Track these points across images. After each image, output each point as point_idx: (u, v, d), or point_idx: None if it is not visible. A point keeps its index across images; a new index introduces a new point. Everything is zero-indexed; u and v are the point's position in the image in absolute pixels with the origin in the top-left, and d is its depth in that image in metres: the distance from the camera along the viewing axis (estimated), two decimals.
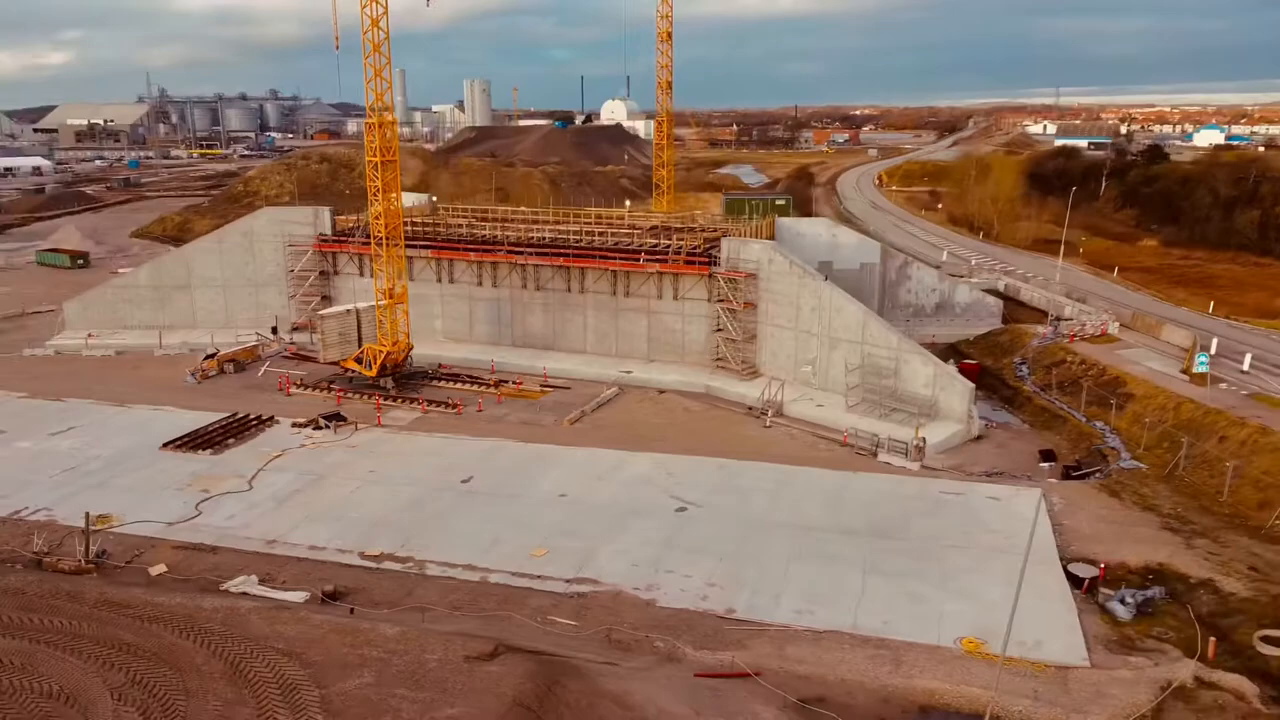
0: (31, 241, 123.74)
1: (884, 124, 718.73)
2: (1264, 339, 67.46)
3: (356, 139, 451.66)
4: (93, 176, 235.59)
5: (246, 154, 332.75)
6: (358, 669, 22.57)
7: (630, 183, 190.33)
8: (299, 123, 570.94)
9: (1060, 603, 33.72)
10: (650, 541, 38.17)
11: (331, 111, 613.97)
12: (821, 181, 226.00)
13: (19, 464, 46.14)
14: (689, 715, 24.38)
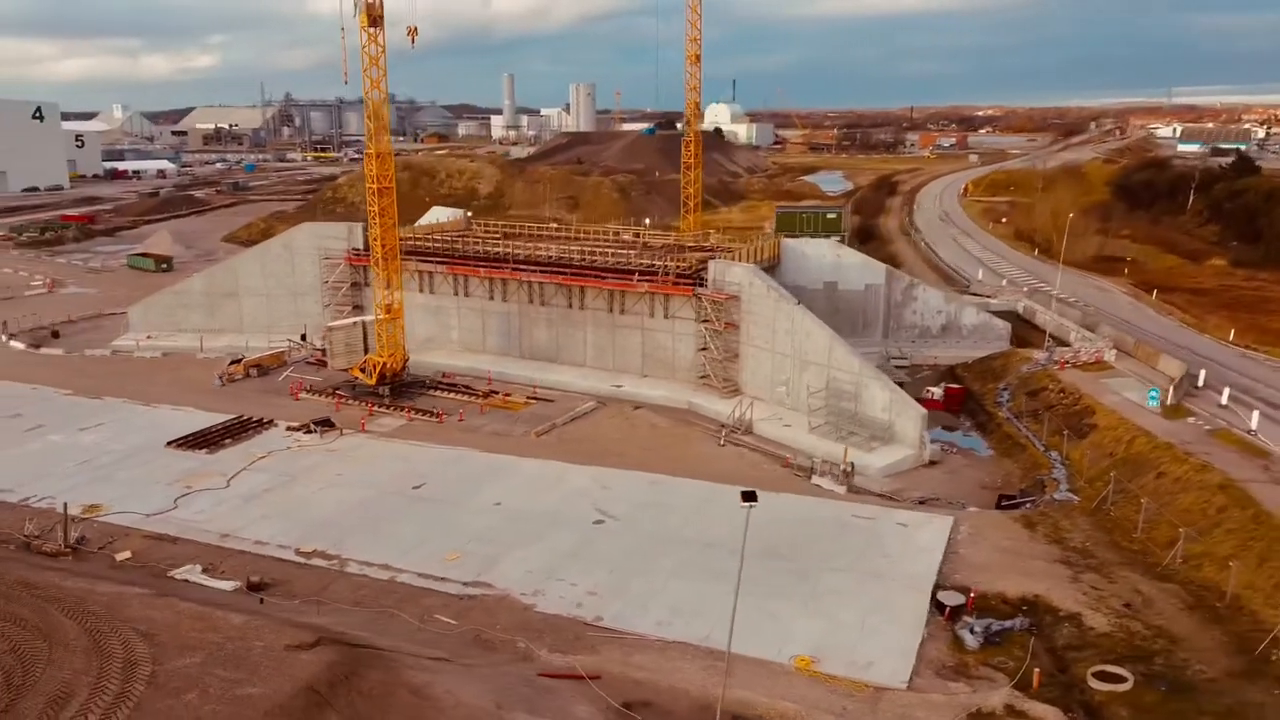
0: (134, 245, 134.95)
1: (1003, 126, 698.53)
2: (1272, 370, 66.26)
3: (462, 142, 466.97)
4: (209, 179, 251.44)
5: (356, 157, 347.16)
6: (194, 651, 26.83)
7: (705, 191, 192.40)
8: (413, 125, 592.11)
9: (910, 628, 35.68)
10: (556, 551, 41.62)
11: (445, 115, 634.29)
12: (905, 190, 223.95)
13: (43, 456, 52.63)
14: (489, 709, 27.78)
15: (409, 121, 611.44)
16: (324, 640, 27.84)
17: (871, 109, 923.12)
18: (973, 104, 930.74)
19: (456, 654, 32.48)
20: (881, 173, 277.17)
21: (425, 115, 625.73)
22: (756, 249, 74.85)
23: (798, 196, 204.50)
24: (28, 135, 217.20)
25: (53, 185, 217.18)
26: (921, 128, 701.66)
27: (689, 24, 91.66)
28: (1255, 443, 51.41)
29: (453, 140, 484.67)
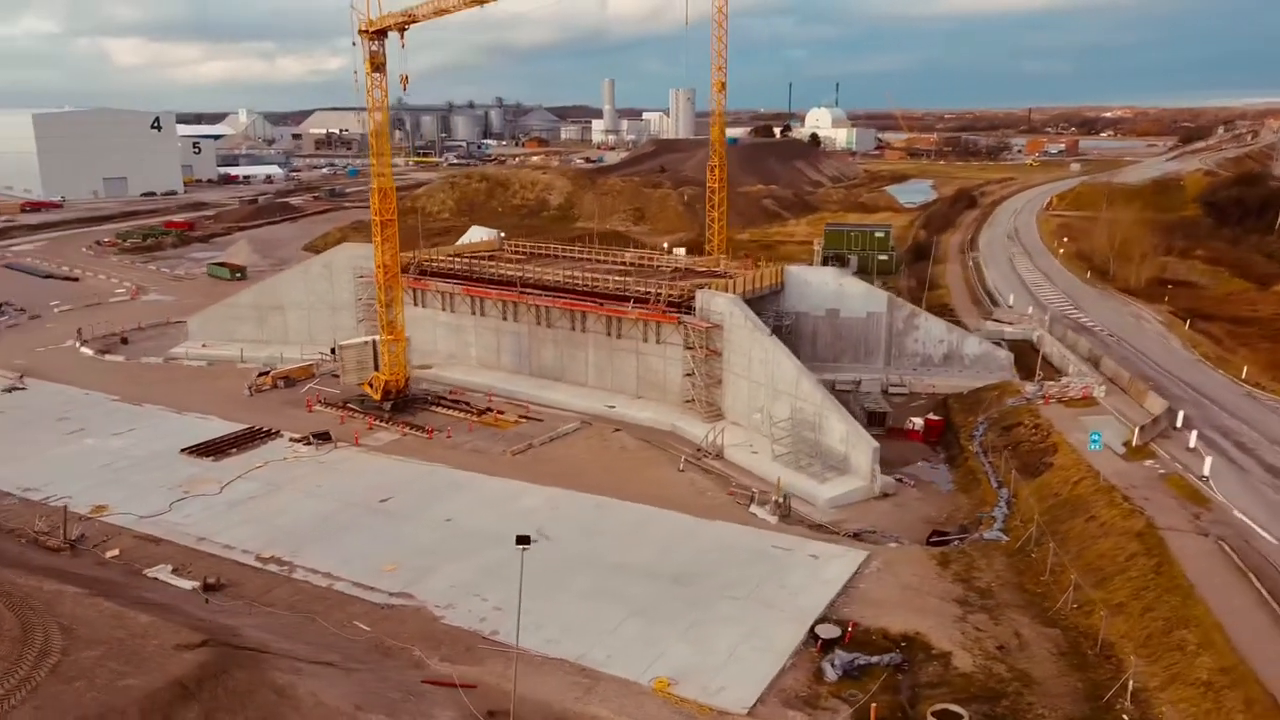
0: (223, 251, 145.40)
1: (1127, 129, 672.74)
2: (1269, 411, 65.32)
3: (562, 146, 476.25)
4: (312, 185, 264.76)
5: (456, 163, 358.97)
6: (99, 645, 31.75)
7: (774, 203, 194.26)
8: (520, 129, 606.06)
9: (776, 658, 38.32)
10: (482, 567, 45.62)
11: (550, 118, 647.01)
12: (987, 202, 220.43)
13: (74, 458, 59.48)
14: (348, 710, 31.90)
15: (516, 125, 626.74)
16: (211, 641, 32.44)
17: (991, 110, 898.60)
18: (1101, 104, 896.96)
19: (351, 658, 36.78)
20: (972, 182, 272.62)
21: (532, 119, 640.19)
22: (758, 276, 77.37)
23: (871, 209, 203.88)
24: (147, 144, 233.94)
25: (168, 190, 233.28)
26: (1039, 130, 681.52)
27: (714, 52, 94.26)
28: (1201, 490, 51.66)
29: (553, 145, 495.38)
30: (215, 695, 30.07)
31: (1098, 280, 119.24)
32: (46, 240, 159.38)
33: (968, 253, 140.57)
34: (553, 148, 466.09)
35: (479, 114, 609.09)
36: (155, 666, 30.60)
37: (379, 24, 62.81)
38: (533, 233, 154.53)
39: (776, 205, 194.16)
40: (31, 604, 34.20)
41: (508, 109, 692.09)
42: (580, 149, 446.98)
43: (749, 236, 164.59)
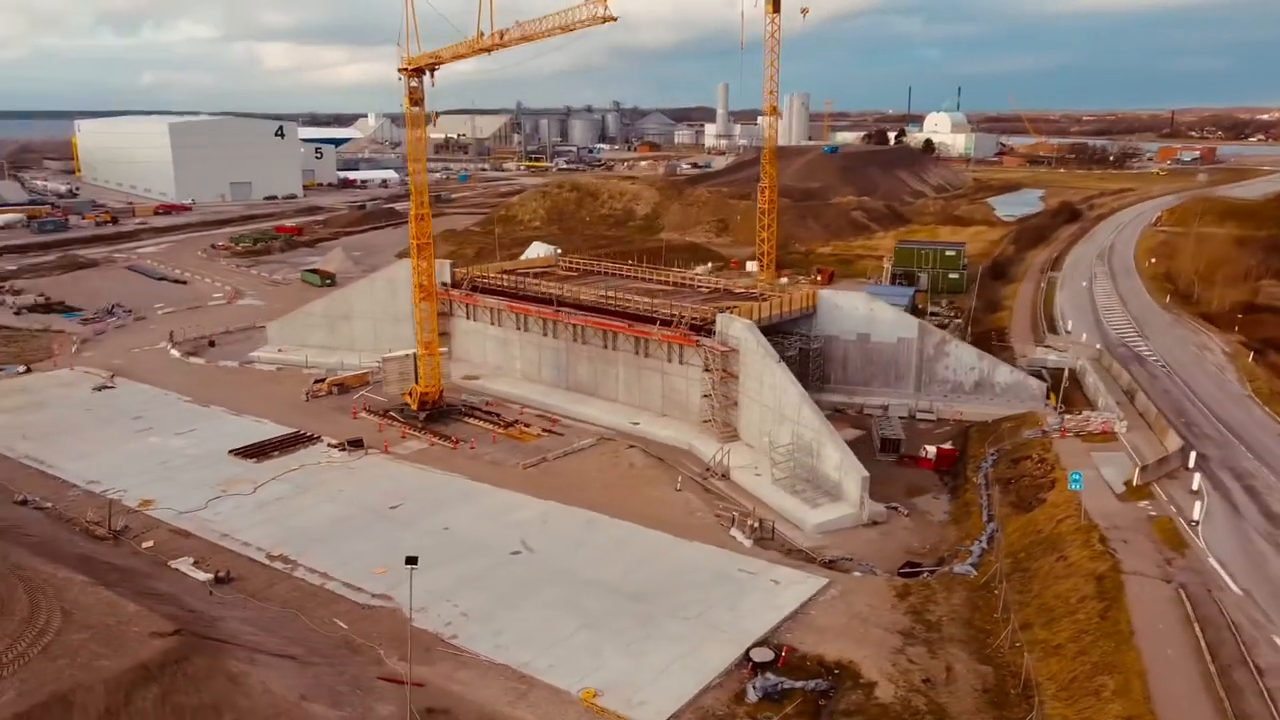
0: (322, 257, 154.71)
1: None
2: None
3: (675, 150, 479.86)
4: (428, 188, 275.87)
5: (566, 168, 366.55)
6: (90, 629, 36.82)
7: (864, 215, 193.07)
8: (636, 133, 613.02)
9: (703, 676, 40.84)
10: (462, 575, 49.51)
11: (666, 122, 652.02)
12: (1092, 215, 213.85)
13: (138, 455, 66.26)
14: (292, 699, 36.10)
15: (632, 129, 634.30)
16: (182, 631, 37.20)
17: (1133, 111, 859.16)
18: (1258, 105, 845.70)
19: (317, 653, 41.15)
20: (1085, 193, 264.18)
21: (648, 122, 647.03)
22: (787, 300, 79.21)
23: (966, 222, 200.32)
24: (271, 150, 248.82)
25: (288, 194, 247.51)
26: (1181, 134, 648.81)
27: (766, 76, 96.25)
28: (1185, 534, 51.50)
29: (664, 149, 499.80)
30: (174, 679, 34.71)
31: (1177, 304, 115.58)
32: (170, 243, 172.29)
33: (1048, 272, 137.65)
34: (664, 152, 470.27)
35: (596, 118, 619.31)
36: (129, 650, 35.47)
37: (415, 63, 67.57)
38: (615, 243, 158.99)
39: (866, 217, 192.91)
40: (44, 589, 39.74)
41: (624, 112, 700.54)
42: (691, 153, 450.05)
43: (830, 250, 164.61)
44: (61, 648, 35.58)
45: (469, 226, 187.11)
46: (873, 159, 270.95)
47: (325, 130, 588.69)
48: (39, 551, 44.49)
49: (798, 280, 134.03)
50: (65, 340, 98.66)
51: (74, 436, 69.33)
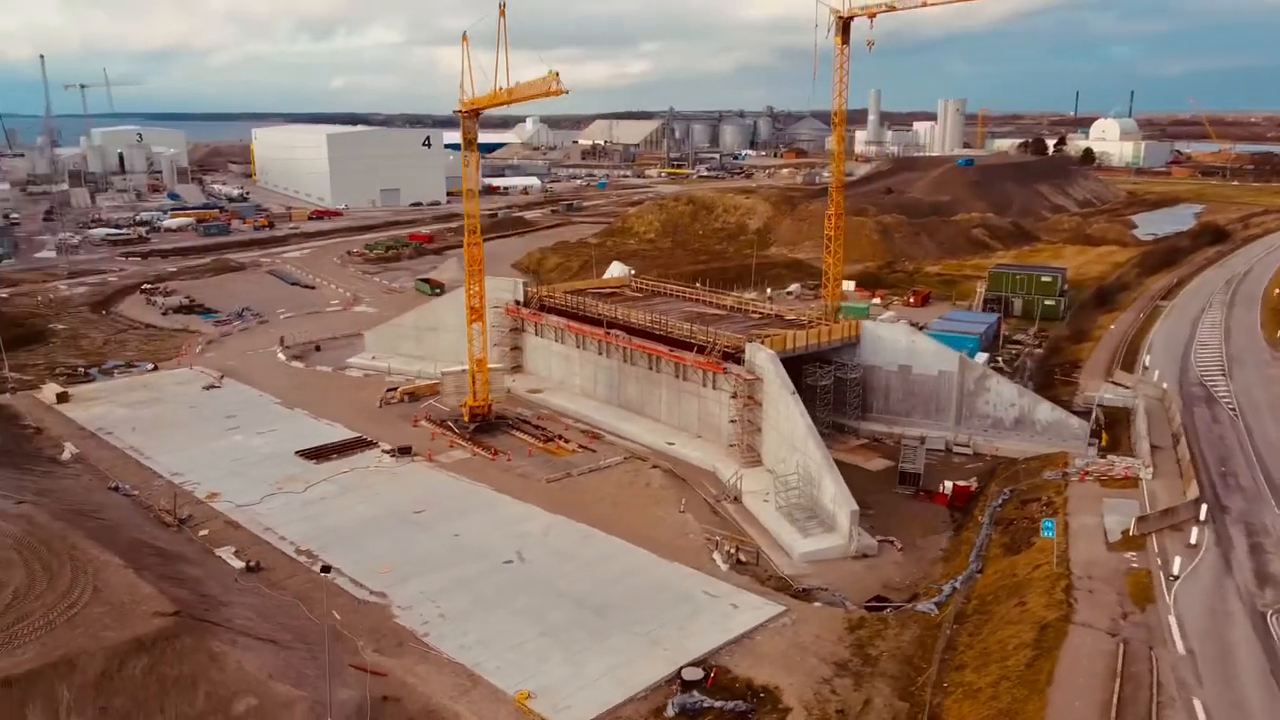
0: (437, 267, 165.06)
1: None
2: None
3: (822, 156, 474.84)
4: (562, 197, 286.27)
5: (707, 175, 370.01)
6: (107, 605, 44.14)
7: (985, 233, 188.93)
8: (788, 138, 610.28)
9: (631, 688, 44.73)
10: (455, 578, 54.98)
11: (819, 126, 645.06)
12: (1241, 237, 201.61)
13: (220, 452, 75.17)
14: (260, 677, 42.27)
15: (784, 134, 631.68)
16: (180, 612, 44.14)
17: None
18: None
19: (300, 639, 47.44)
20: (1249, 210, 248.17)
21: (800, 127, 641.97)
22: (827, 330, 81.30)
23: (1096, 241, 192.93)
24: (418, 159, 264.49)
25: (432, 201, 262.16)
26: None
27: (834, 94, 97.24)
28: (1156, 589, 51.58)
29: (811, 155, 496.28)
30: (162, 652, 41.55)
31: None
32: (314, 248, 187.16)
33: (1160, 300, 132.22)
34: (810, 159, 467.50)
35: (747, 123, 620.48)
36: (131, 625, 42.62)
37: (472, 105, 73.77)
38: (717, 257, 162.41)
39: (987, 235, 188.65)
40: (85, 568, 47.66)
41: (777, 116, 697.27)
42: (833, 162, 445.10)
43: (939, 269, 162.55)
44: (82, 619, 43.09)
45: (587, 237, 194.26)
46: (1011, 172, 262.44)
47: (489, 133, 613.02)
48: (95, 535, 52.73)
49: (890, 301, 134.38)
50: (194, 341, 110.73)
51: (173, 431, 79.15)
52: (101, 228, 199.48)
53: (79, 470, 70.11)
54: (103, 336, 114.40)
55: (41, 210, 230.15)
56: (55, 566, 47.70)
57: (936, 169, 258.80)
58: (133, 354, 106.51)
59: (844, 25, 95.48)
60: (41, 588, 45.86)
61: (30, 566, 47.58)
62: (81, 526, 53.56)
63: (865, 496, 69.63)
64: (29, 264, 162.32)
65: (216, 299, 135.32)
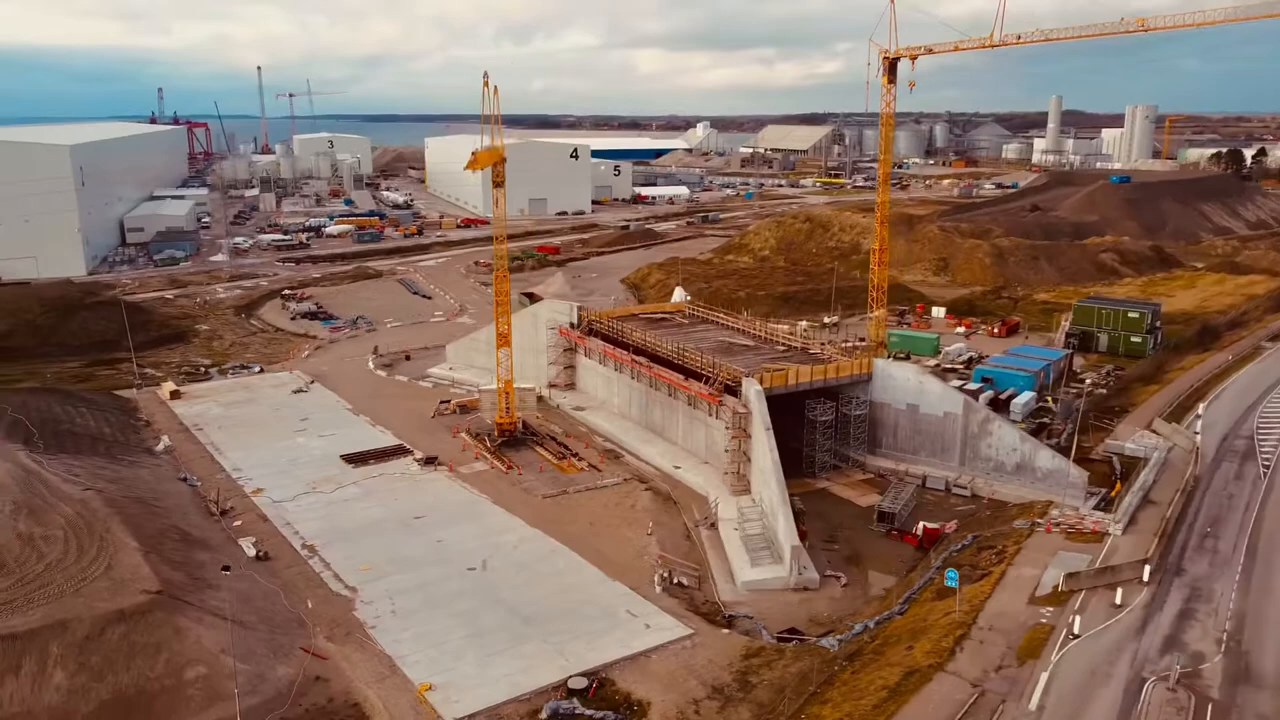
0: (574, 276, 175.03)
1: None
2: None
3: (993, 166, 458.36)
4: (708, 207, 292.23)
5: (863, 185, 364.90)
6: (110, 580, 54.50)
7: (1116, 258, 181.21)
8: (966, 145, 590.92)
9: (518, 690, 51.03)
10: (419, 581, 62.79)
11: (1001, 133, 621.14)
12: None
13: (282, 452, 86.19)
14: (214, 652, 51.33)
15: (963, 140, 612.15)
16: (162, 592, 53.92)
17: None
18: None
19: (265, 623, 56.43)
20: None
21: (980, 134, 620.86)
22: (837, 367, 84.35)
23: (1245, 269, 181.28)
24: (565, 170, 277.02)
25: (577, 210, 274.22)
26: None
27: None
28: (1049, 646, 53.15)
29: (983, 164, 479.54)
30: (137, 624, 51.34)
31: None
32: (448, 257, 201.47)
33: (1267, 341, 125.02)
34: (981, 168, 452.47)
35: (923, 129, 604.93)
36: (120, 599, 52.71)
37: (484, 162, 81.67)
38: (814, 278, 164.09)
39: (1117, 260, 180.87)
40: (107, 548, 58.50)
41: (956, 121, 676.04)
42: (1010, 171, 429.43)
43: (1051, 297, 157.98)
44: (87, 590, 53.61)
45: (704, 252, 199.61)
46: (1170, 189, 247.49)
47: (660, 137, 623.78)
48: (132, 521, 63.80)
49: (975, 330, 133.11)
50: (303, 346, 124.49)
51: (250, 430, 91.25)
52: (272, 233, 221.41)
53: (161, 461, 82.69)
54: (234, 339, 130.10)
55: (232, 214, 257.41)
56: (86, 545, 58.79)
57: (1086, 187, 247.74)
58: (252, 356, 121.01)
59: (890, 65, 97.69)
60: (69, 562, 56.92)
61: (68, 543, 58.87)
62: (124, 513, 64.79)
63: (840, 531, 73.48)
64: (201, 266, 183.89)
65: (343, 305, 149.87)
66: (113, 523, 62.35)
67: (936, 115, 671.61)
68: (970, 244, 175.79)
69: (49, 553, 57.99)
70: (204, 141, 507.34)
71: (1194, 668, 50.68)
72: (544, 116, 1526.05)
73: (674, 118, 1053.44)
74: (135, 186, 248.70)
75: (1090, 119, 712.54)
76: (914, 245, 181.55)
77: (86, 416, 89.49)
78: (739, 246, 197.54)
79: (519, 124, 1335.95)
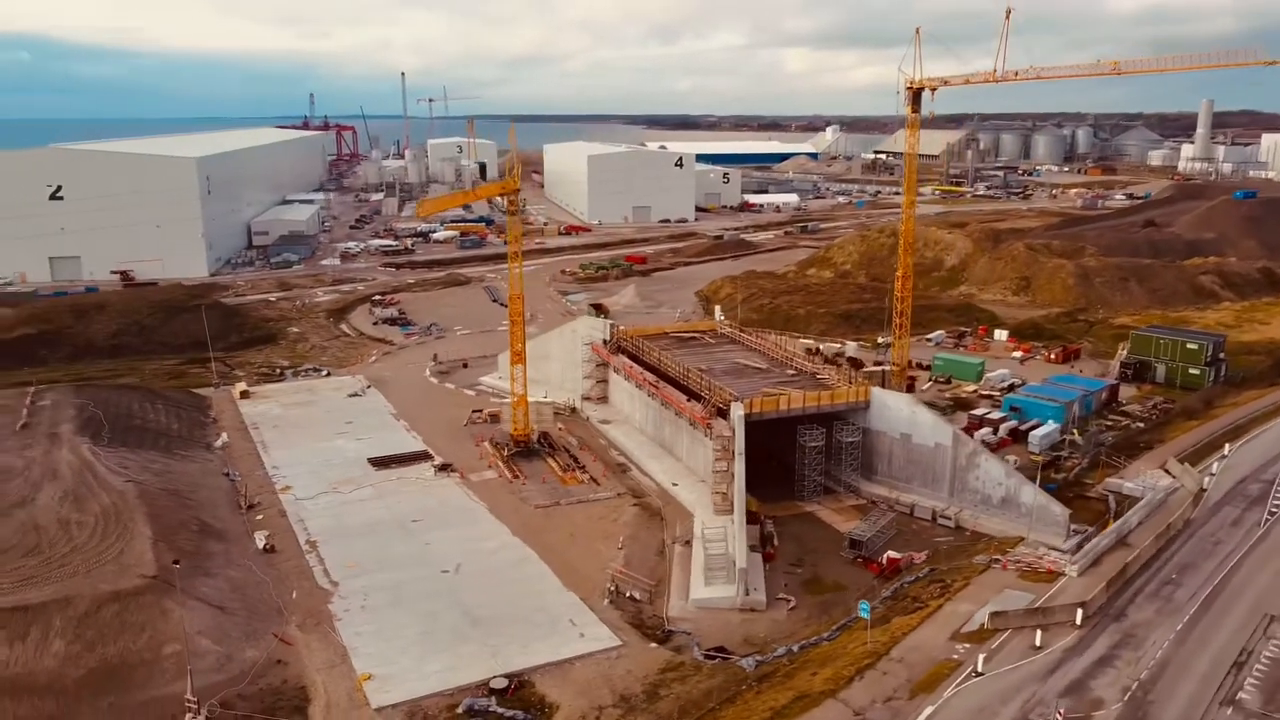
0: (661, 285, 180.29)
1: None
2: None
3: (1132, 174, 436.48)
4: (818, 215, 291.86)
5: (984, 194, 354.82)
6: (117, 564, 62.81)
7: (1217, 280, 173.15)
8: (1110, 150, 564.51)
9: (444, 684, 56.52)
10: (397, 580, 69.06)
11: (1151, 138, 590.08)
12: None
13: (318, 453, 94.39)
14: (192, 632, 58.89)
15: (1110, 145, 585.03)
16: (157, 577, 61.97)
17: None
18: None
19: (246, 609, 63.92)
20: None
21: (1128, 138, 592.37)
22: (833, 394, 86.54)
23: None
24: (670, 178, 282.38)
25: (679, 218, 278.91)
26: None
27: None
28: (946, 681, 55.03)
29: (1122, 172, 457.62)
30: (128, 603, 59.50)
31: None
32: (542, 264, 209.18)
33: None
34: (1118, 177, 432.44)
35: (1064, 134, 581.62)
36: (119, 581, 61.08)
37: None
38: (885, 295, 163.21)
39: (1219, 283, 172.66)
40: (124, 536, 67.26)
41: (1103, 125, 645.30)
42: (1150, 179, 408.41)
43: (1134, 321, 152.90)
44: (96, 573, 62.27)
45: (789, 265, 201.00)
46: None
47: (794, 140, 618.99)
48: (157, 512, 72.63)
49: (1033, 355, 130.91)
50: (370, 351, 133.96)
51: (298, 431, 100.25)
52: (385, 238, 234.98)
53: (213, 457, 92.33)
54: (317, 342, 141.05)
55: (355, 218, 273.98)
56: (110, 532, 67.78)
57: (1207, 203, 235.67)
58: (327, 360, 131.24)
59: (915, 95, 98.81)
60: (91, 546, 65.93)
61: (95, 529, 68.02)
62: (153, 505, 73.78)
63: (811, 555, 76.04)
64: (311, 270, 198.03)
65: (426, 312, 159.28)
66: (138, 513, 71.25)
67: (1083, 117, 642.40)
68: (1054, 263, 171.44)
69: (78, 537, 67.20)
70: (351, 144, 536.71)
71: (1086, 714, 51.60)
72: (685, 117, 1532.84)
73: (816, 118, 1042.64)
74: (268, 190, 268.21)
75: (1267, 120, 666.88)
76: (996, 263, 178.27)
77: (160, 413, 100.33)
78: (822, 260, 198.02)
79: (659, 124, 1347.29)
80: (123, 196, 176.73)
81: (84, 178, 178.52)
